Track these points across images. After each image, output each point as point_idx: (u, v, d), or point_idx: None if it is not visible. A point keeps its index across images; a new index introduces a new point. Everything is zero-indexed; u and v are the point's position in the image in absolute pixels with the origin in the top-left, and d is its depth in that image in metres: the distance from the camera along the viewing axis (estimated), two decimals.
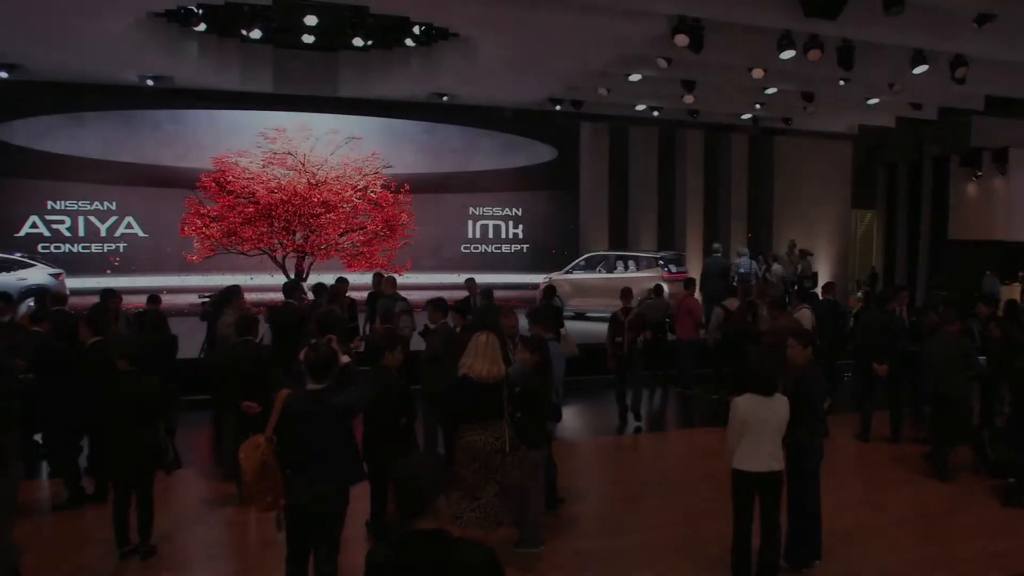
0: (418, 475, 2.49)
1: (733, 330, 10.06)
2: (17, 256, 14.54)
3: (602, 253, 17.46)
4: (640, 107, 16.54)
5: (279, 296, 10.07)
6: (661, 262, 15.93)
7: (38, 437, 7.74)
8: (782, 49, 10.85)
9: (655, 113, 16.88)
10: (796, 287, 16.93)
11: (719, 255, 16.16)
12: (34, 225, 18.46)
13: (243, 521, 6.55)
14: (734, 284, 14.74)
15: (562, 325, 9.00)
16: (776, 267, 16.65)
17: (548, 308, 9.49)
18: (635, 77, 13.42)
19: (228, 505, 6.86)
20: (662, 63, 12.18)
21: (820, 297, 11.65)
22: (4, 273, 13.75)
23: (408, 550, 2.46)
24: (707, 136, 19.92)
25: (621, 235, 19.99)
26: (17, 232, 18.13)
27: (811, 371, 5.68)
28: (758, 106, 16.09)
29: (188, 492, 7.32)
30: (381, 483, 5.69)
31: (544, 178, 21.89)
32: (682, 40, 10.29)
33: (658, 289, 12.42)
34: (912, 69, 11.67)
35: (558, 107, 16.43)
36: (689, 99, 14.50)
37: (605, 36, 11.32)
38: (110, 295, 8.73)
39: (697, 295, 13.17)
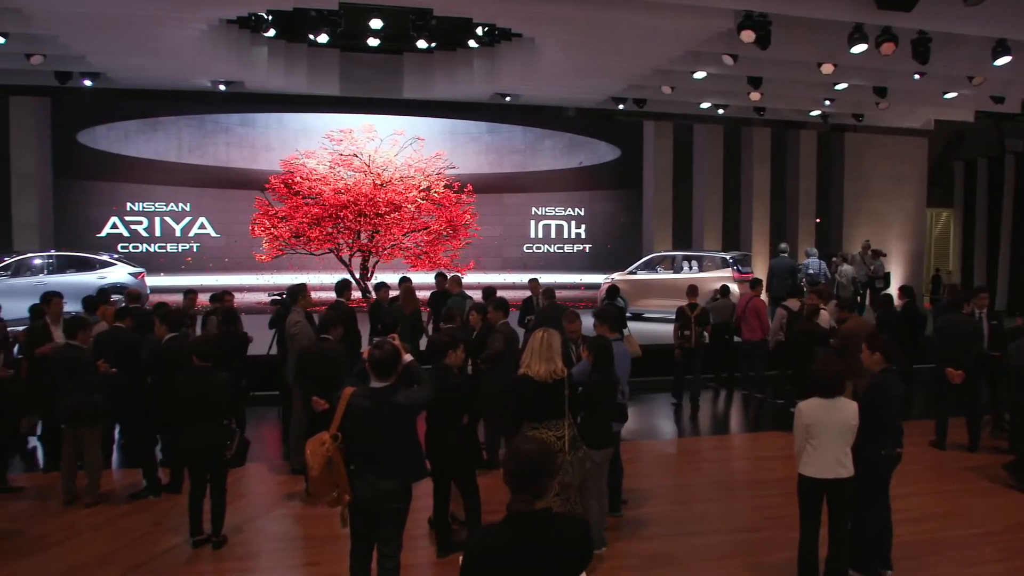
0: (534, 460, 2.67)
1: (796, 331, 9.81)
2: (103, 256, 15.10)
3: (668, 253, 17.22)
4: (705, 105, 16.28)
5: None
6: (730, 262, 15.62)
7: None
8: (853, 43, 10.52)
9: (720, 111, 16.60)
10: (868, 288, 16.42)
11: (786, 255, 15.79)
12: (114, 226, 19.28)
13: (309, 515, 6.69)
14: (800, 285, 14.40)
15: (625, 325, 8.92)
16: (845, 268, 16.16)
17: (612, 308, 9.42)
18: (700, 75, 13.22)
19: (295, 499, 7.02)
20: (728, 60, 11.97)
21: (896, 300, 11.28)
22: (86, 272, 14.31)
23: (522, 529, 2.63)
24: (774, 133, 19.50)
25: (685, 235, 19.73)
26: (99, 232, 18.95)
27: (885, 377, 5.47)
28: (827, 102, 15.65)
29: (258, 485, 7.52)
30: (444, 481, 5.74)
31: (607, 178, 21.78)
32: (748, 36, 10.08)
33: (724, 289, 12.22)
34: (993, 61, 11.18)
35: (621, 106, 16.30)
36: (755, 96, 14.20)
37: (669, 33, 11.18)
38: (189, 295, 9.04)
39: (764, 296, 12.89)
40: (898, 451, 5.47)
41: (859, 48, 10.55)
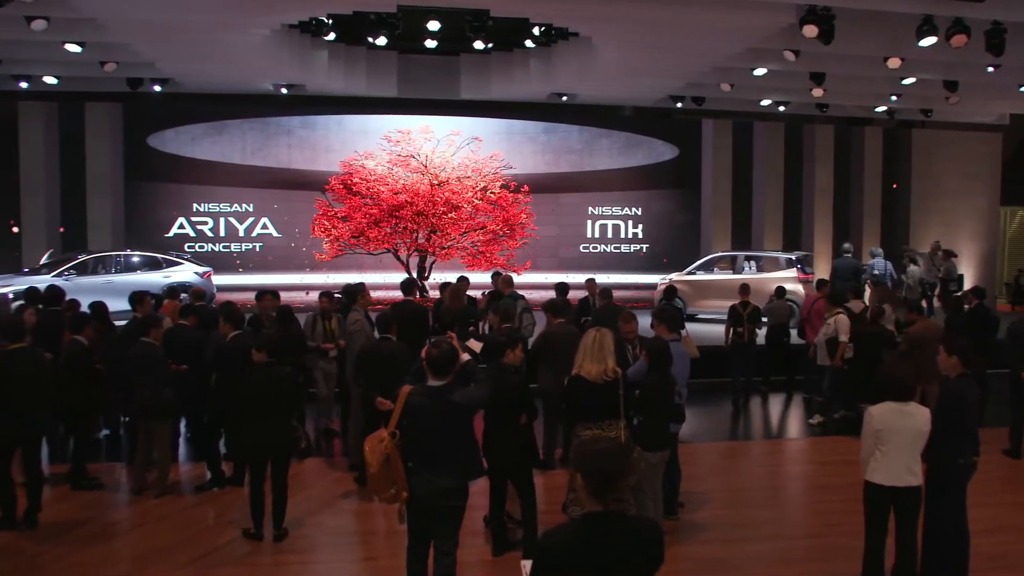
0: (615, 459, 2.67)
1: (860, 334, 9.53)
2: (170, 255, 15.57)
3: (729, 253, 16.90)
4: (765, 102, 15.97)
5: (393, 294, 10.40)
6: (794, 262, 15.26)
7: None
8: (922, 36, 10.16)
9: (781, 108, 16.26)
10: (938, 290, 15.85)
11: (850, 255, 15.36)
12: (181, 226, 19.89)
13: (367, 510, 6.79)
14: (864, 286, 14.00)
15: (683, 326, 8.80)
16: (912, 268, 15.62)
17: (670, 308, 9.30)
18: (760, 71, 12.97)
19: (353, 495, 7.13)
20: (789, 56, 11.70)
21: (968, 302, 10.86)
22: (153, 271, 14.78)
23: (598, 530, 2.64)
24: (837, 130, 19.01)
25: (744, 235, 19.38)
26: (167, 232, 19.57)
27: (962, 381, 5.25)
28: (894, 98, 15.19)
29: (317, 480, 7.66)
30: (500, 480, 5.76)
31: (664, 177, 21.56)
32: (811, 31, 9.84)
33: (780, 291, 11.94)
34: None
35: (679, 104, 16.11)
36: (818, 92, 13.87)
37: (729, 30, 11.01)
38: (264, 294, 9.23)
39: None
40: (974, 459, 5.27)
41: (928, 41, 10.19)
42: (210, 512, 6.77)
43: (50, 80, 14.31)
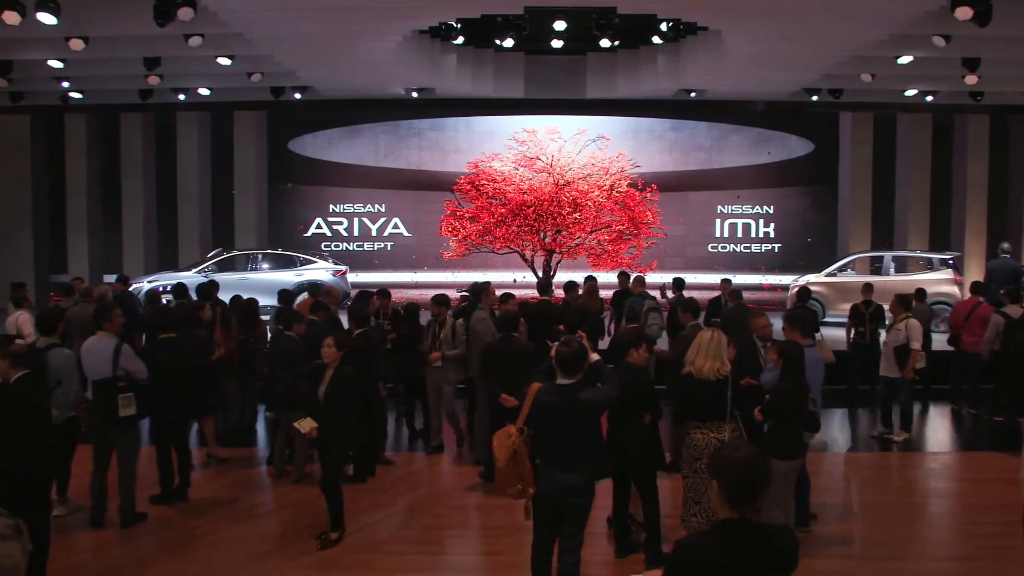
0: (751, 468, 2.62)
1: (1016, 341, 8.77)
2: (306, 254, 16.40)
3: (874, 253, 15.97)
4: (910, 92, 15.03)
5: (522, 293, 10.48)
6: (950, 262, 14.25)
7: None
8: None
9: (928, 98, 15.25)
10: None
11: (1008, 256, 14.18)
12: (319, 226, 20.95)
13: (492, 505, 6.89)
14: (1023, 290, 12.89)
15: (817, 330, 8.43)
16: None
17: (805, 312, 8.92)
18: (905, 59, 12.21)
19: (478, 490, 7.26)
20: (939, 41, 10.94)
21: None
22: (287, 270, 15.61)
23: (733, 538, 2.61)
24: (993, 120, 17.59)
25: (886, 234, 18.29)
26: (306, 232, 20.65)
27: None
28: None
29: (443, 475, 7.85)
30: (625, 481, 5.71)
31: (798, 173, 20.71)
32: (964, 13, 9.16)
33: (920, 292, 11.15)
34: None
35: (815, 97, 15.43)
36: (971, 80, 12.89)
37: (871, 16, 10.42)
38: (384, 294, 9.58)
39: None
40: None
41: None
42: (346, 498, 7.05)
43: (203, 91, 15.42)
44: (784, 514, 5.51)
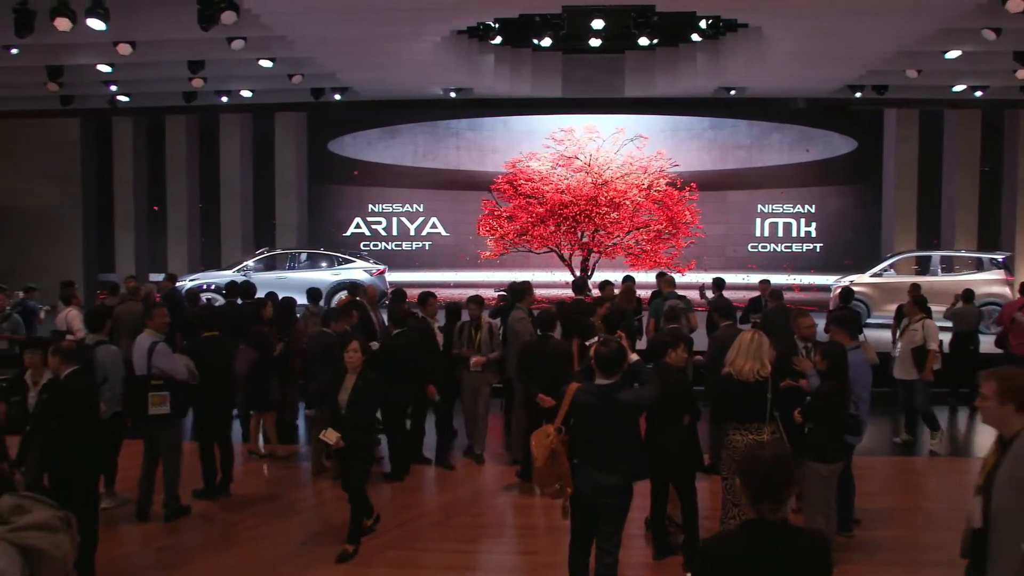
0: (776, 468, 2.60)
1: None
2: (343, 254, 16.57)
3: (920, 253, 15.61)
4: (958, 88, 14.68)
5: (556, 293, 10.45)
6: (1001, 262, 13.87)
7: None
8: None
9: (977, 93, 14.89)
10: None
11: None
12: (358, 226, 21.15)
13: (529, 505, 6.90)
14: None
15: (860, 331, 8.27)
16: None
17: (851, 313, 8.75)
18: (953, 54, 11.94)
19: (515, 489, 7.26)
20: (989, 35, 10.68)
21: None
22: (324, 269, 15.79)
23: (760, 539, 2.58)
24: None
25: (932, 233, 17.89)
26: (344, 232, 20.87)
27: None
28: None
29: (480, 474, 7.86)
30: (663, 482, 5.67)
31: (841, 172, 20.34)
32: (1016, 5, 8.94)
33: (968, 294, 10.87)
34: None
35: (858, 94, 15.15)
36: (1023, 74, 12.54)
37: (917, 10, 10.20)
38: (399, 296, 9.59)
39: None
40: None
41: None
42: (383, 497, 7.12)
43: (246, 94, 15.68)
44: (825, 518, 5.41)
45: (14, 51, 11.93)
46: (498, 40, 14.36)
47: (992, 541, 3.26)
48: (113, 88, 15.13)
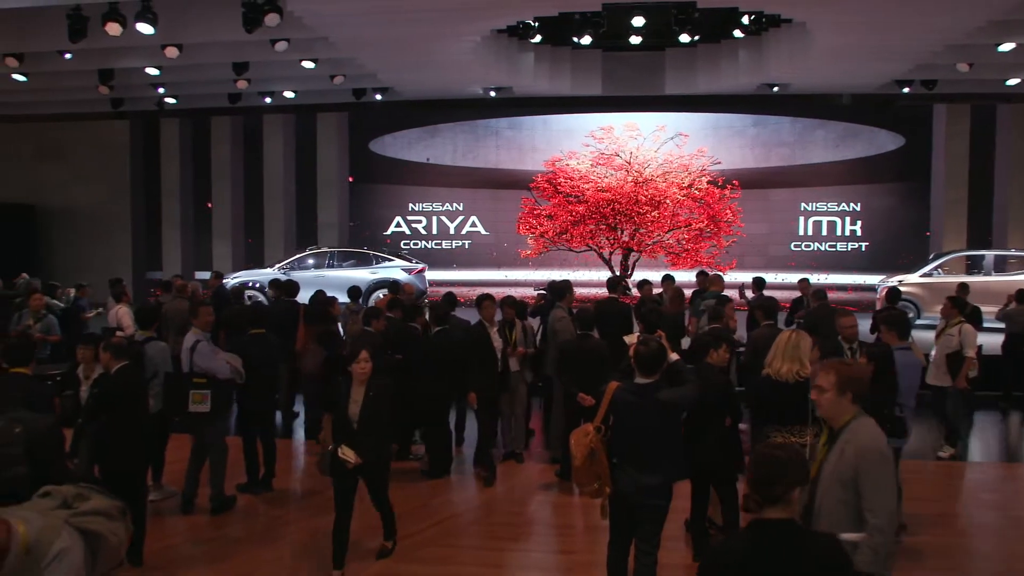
0: (780, 464, 2.57)
1: None
2: (381, 253, 16.71)
3: (972, 252, 15.21)
4: (1012, 81, 14.28)
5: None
6: None
7: None
8: None
9: None
10: None
11: None
12: (398, 225, 21.35)
13: (567, 504, 6.88)
14: None
15: (910, 332, 8.09)
16: None
17: (902, 313, 8.54)
18: (1006, 46, 11.62)
19: (554, 488, 7.25)
20: None
21: None
22: (363, 267, 15.93)
23: (761, 538, 2.55)
24: None
25: (982, 232, 17.40)
26: (385, 231, 21.07)
27: None
28: None
29: (519, 471, 7.87)
30: (702, 483, 5.61)
31: (888, 169, 19.92)
32: None
33: (1021, 294, 10.57)
34: None
35: (906, 89, 14.81)
36: None
37: (968, 2, 9.93)
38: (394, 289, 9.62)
39: None
40: None
41: None
42: (423, 494, 7.18)
43: (288, 94, 15.92)
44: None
45: (68, 56, 12.28)
46: (538, 39, 14.36)
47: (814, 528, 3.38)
48: (161, 90, 15.48)
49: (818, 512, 3.29)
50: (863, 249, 20.03)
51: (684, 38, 13.62)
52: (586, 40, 13.50)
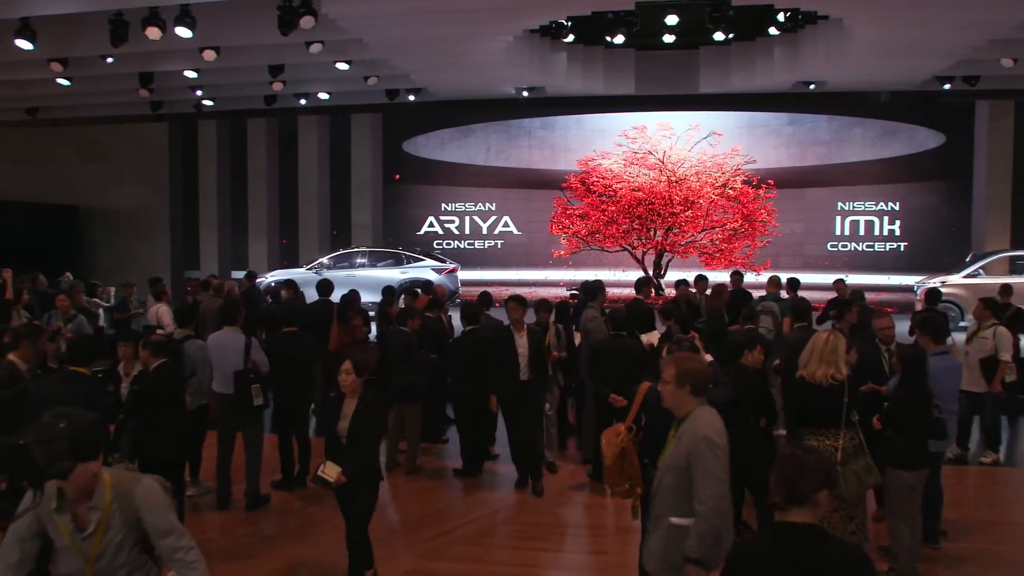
0: (803, 467, 2.55)
1: None
2: (412, 252, 16.80)
3: (1017, 252, 14.82)
4: None
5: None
6: None
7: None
8: None
9: None
10: None
11: None
12: (431, 224, 21.47)
13: (599, 504, 6.86)
14: None
15: (948, 335, 7.91)
16: None
17: (938, 316, 8.36)
18: None
19: (586, 488, 7.23)
20: None
21: None
22: (393, 267, 16.04)
23: (782, 541, 2.53)
24: None
25: None
26: (418, 231, 21.20)
27: None
28: None
29: (549, 473, 7.85)
30: (738, 485, 5.55)
31: (927, 167, 19.55)
32: None
33: None
34: None
35: (947, 86, 14.51)
36: None
37: None
38: (412, 294, 9.64)
39: None
40: None
41: None
42: (454, 494, 7.21)
43: (323, 96, 16.08)
44: (909, 528, 5.21)
45: (109, 60, 12.54)
46: (570, 38, 14.32)
47: (652, 513, 3.75)
48: (199, 93, 15.74)
49: (654, 497, 3.60)
50: (902, 249, 19.68)
51: (718, 36, 13.49)
52: (619, 39, 13.43)
